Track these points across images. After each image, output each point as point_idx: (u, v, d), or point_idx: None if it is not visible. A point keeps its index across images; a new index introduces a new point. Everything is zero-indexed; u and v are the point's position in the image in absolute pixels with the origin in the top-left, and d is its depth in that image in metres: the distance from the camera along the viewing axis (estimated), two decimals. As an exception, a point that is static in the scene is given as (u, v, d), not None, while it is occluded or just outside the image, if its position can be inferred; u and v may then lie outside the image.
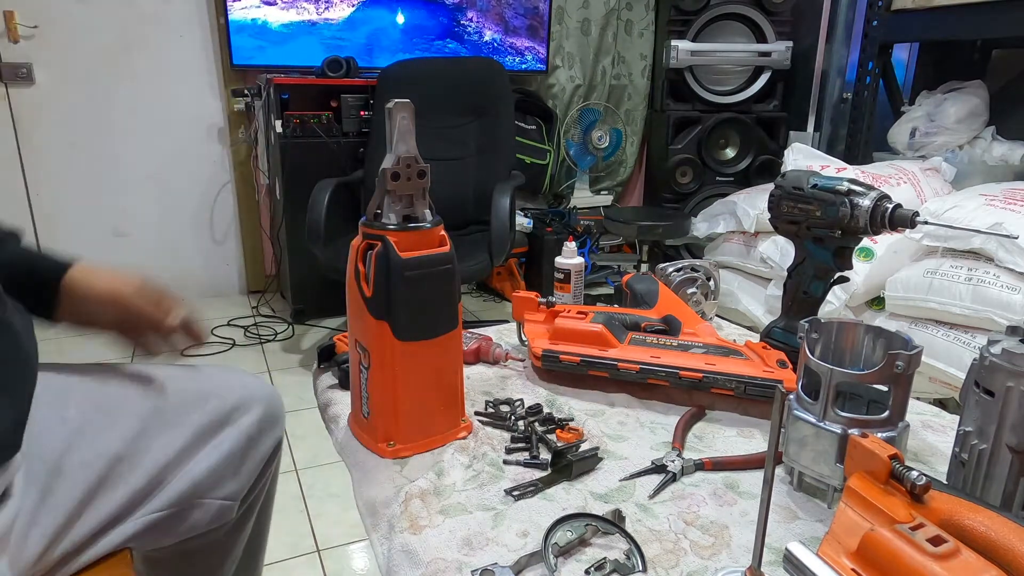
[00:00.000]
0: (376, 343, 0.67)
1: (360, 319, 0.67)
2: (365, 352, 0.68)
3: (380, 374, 0.68)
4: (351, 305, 0.68)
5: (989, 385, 0.56)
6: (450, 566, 0.54)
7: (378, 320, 0.65)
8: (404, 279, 0.65)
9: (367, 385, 0.69)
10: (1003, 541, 0.45)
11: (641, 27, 3.21)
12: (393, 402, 0.69)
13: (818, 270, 0.83)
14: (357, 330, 0.69)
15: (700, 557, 0.56)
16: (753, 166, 3.08)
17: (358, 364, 0.70)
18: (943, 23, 2.27)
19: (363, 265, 0.65)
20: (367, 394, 0.70)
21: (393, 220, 0.65)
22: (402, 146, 0.64)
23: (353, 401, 0.73)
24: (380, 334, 0.66)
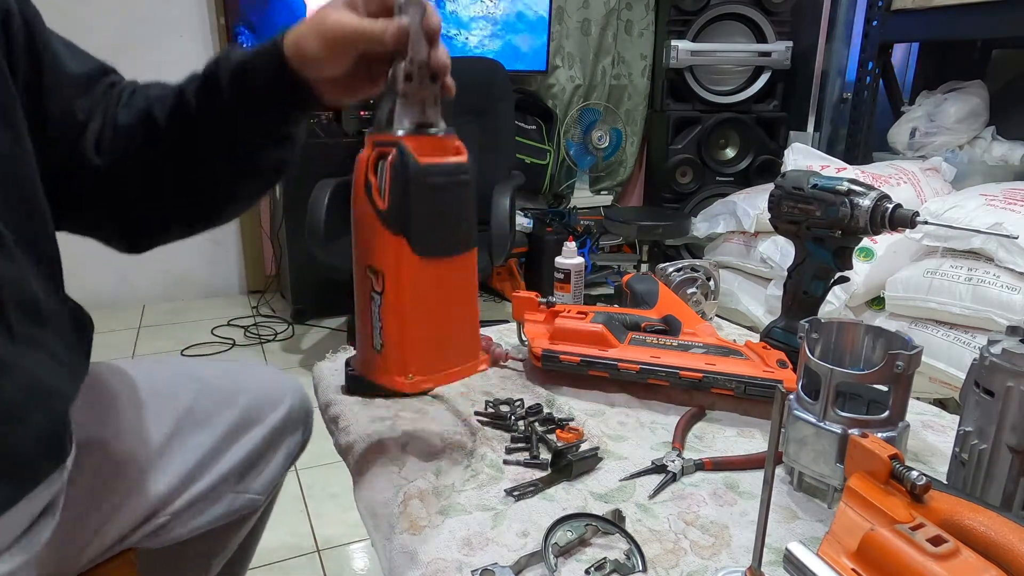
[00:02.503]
0: (392, 261, 0.60)
1: (372, 238, 0.60)
2: (377, 275, 0.61)
3: (397, 296, 0.61)
4: (360, 226, 0.61)
5: (989, 385, 0.56)
6: (450, 566, 0.54)
7: (395, 235, 0.59)
8: (424, 187, 0.59)
9: (380, 312, 0.62)
10: (1003, 541, 0.45)
11: (641, 27, 3.21)
12: (413, 327, 0.62)
13: (818, 270, 0.83)
14: (367, 253, 0.62)
15: (700, 557, 0.56)
16: (753, 166, 3.07)
17: (368, 293, 0.62)
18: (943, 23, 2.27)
19: (375, 176, 0.59)
20: (380, 323, 0.62)
21: (406, 125, 0.60)
22: (416, 45, 0.58)
23: (361, 339, 0.65)
24: (397, 251, 0.59)
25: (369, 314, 0.63)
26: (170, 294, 2.97)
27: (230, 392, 0.80)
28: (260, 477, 0.81)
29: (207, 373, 0.83)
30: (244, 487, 0.79)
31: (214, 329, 2.68)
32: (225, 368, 0.86)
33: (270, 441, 0.82)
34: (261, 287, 3.08)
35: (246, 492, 0.80)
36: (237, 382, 0.82)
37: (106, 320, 2.71)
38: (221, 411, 0.78)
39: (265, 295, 3.03)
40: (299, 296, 2.75)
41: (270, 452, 0.82)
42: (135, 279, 2.91)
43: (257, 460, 0.80)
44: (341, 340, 2.60)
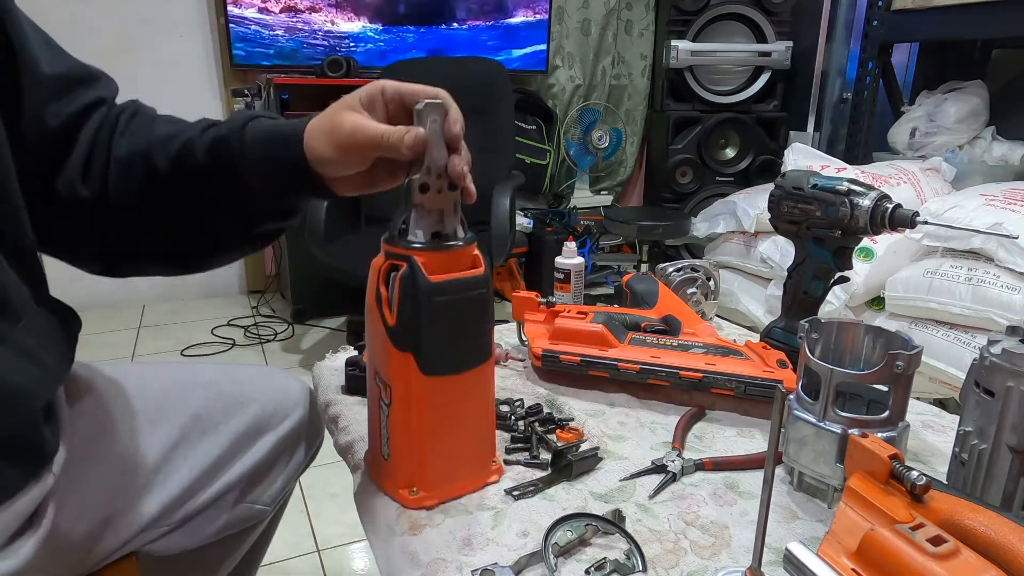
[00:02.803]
0: (399, 377, 0.58)
1: (381, 349, 0.59)
2: (386, 387, 0.60)
3: (403, 412, 0.59)
4: (371, 333, 0.60)
5: (989, 385, 0.56)
6: (450, 566, 0.54)
7: (402, 352, 0.57)
8: (432, 306, 0.56)
9: (388, 424, 0.61)
10: (1003, 541, 0.45)
11: (641, 27, 3.21)
12: (418, 444, 0.60)
13: (818, 270, 0.83)
14: (377, 361, 0.61)
15: (700, 557, 0.56)
16: (753, 166, 3.08)
17: (377, 399, 0.61)
18: (943, 23, 2.27)
19: (385, 288, 0.58)
20: (387, 433, 0.61)
21: (420, 238, 0.57)
22: (433, 153, 0.56)
23: (372, 439, 0.65)
24: (404, 367, 0.58)
25: (379, 421, 0.62)
26: (170, 294, 2.97)
27: (240, 399, 0.78)
28: (268, 488, 0.79)
29: (217, 378, 0.80)
30: (252, 498, 0.78)
31: (214, 329, 2.68)
32: (236, 373, 0.83)
33: (279, 450, 0.80)
34: (261, 287, 3.08)
35: (254, 503, 0.78)
36: (247, 389, 0.80)
37: (106, 320, 2.72)
38: (230, 419, 0.76)
39: (265, 295, 3.03)
40: (299, 296, 2.74)
41: (279, 462, 0.80)
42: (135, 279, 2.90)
43: (265, 470, 0.79)
44: (341, 340, 2.60)
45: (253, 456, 0.77)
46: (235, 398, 0.78)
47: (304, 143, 0.58)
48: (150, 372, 0.78)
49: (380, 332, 0.58)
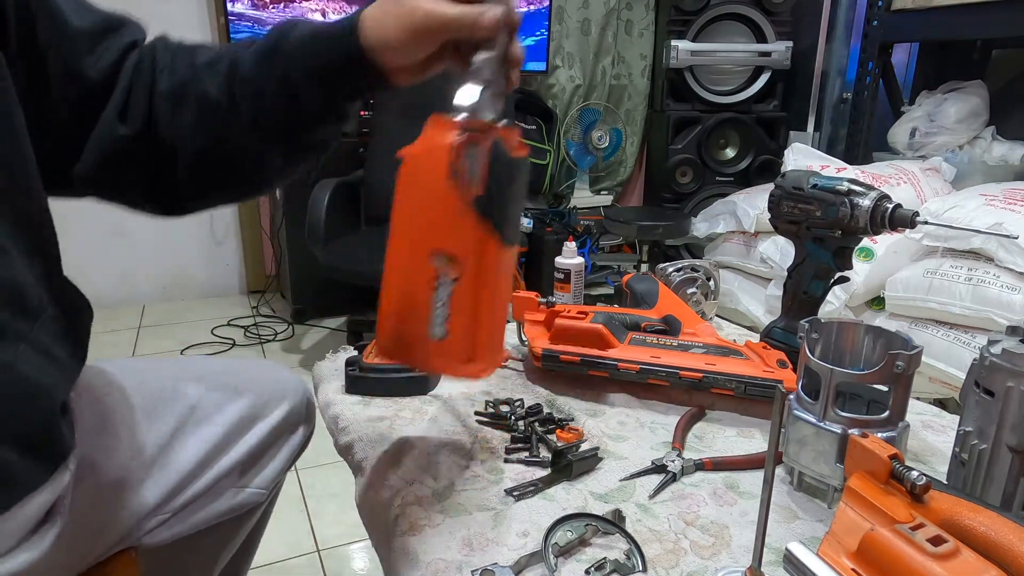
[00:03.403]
0: (475, 248, 0.58)
1: (451, 224, 0.58)
2: (451, 262, 0.58)
3: (475, 285, 0.58)
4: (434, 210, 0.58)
5: (989, 385, 0.56)
6: (450, 566, 0.54)
7: (485, 222, 0.57)
8: (516, 177, 0.58)
9: (450, 300, 0.59)
10: (1003, 541, 0.45)
11: (641, 27, 3.21)
12: (487, 316, 0.60)
13: (818, 270, 0.83)
14: (438, 238, 0.59)
15: (700, 557, 0.56)
16: (753, 166, 3.07)
17: (428, 281, 0.59)
18: (943, 23, 2.27)
19: (462, 162, 0.57)
20: (446, 311, 0.59)
21: (489, 116, 0.58)
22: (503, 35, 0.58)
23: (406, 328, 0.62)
24: (483, 237, 0.57)
25: (426, 302, 0.60)
26: (170, 294, 2.98)
27: (234, 389, 0.80)
28: (263, 472, 0.81)
29: (211, 370, 0.82)
30: (246, 482, 0.79)
31: (214, 329, 2.68)
32: (229, 365, 0.85)
33: (274, 437, 0.82)
34: (261, 287, 3.08)
35: (248, 487, 0.80)
36: (241, 379, 0.82)
37: (106, 320, 2.72)
38: (225, 407, 0.78)
39: (265, 295, 3.03)
40: (299, 296, 2.75)
41: (273, 448, 0.82)
42: (135, 279, 2.91)
43: (260, 456, 0.80)
44: (341, 340, 2.60)
45: (248, 443, 0.78)
46: (230, 388, 0.79)
47: (361, 32, 0.58)
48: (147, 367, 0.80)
49: (454, 206, 0.57)
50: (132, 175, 0.64)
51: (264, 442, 0.80)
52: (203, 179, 0.66)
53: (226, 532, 0.82)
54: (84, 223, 2.71)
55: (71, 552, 0.63)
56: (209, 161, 0.64)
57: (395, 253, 0.60)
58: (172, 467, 0.72)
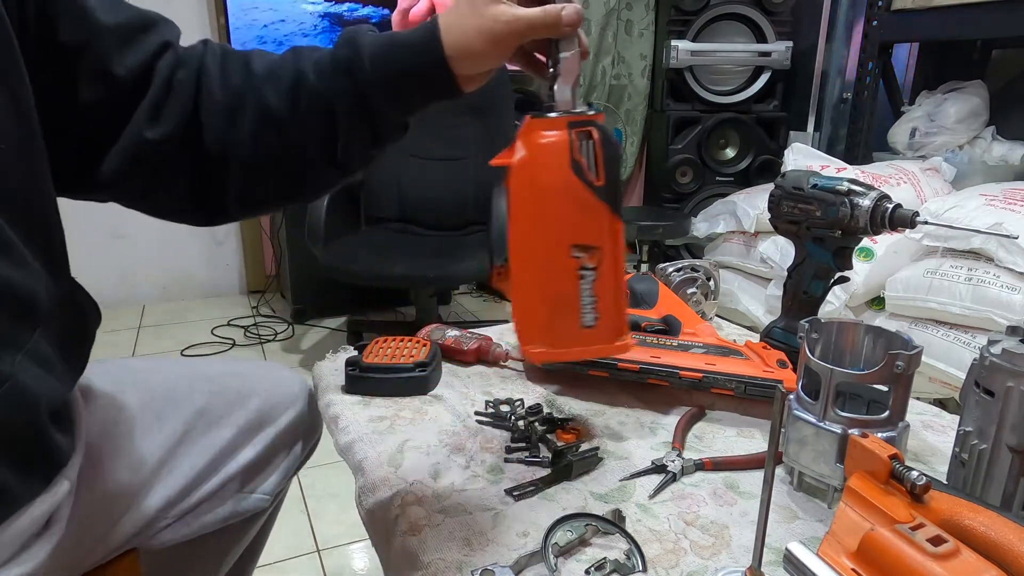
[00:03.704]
0: (608, 234, 0.61)
1: (585, 216, 0.60)
2: (589, 252, 0.61)
3: (612, 267, 0.62)
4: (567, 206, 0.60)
5: (989, 385, 0.56)
6: (450, 566, 0.54)
7: (611, 210, 0.60)
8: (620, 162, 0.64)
9: (594, 289, 0.61)
10: (1003, 541, 0.45)
11: (641, 27, 3.21)
12: (623, 292, 0.64)
13: (818, 270, 0.83)
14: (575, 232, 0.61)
15: (700, 557, 0.56)
16: (753, 166, 3.07)
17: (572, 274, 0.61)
18: (943, 23, 2.27)
19: (581, 156, 0.59)
20: (593, 299, 0.62)
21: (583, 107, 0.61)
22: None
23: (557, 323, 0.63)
24: (612, 224, 0.61)
25: (575, 295, 0.62)
26: (170, 294, 2.97)
27: (242, 394, 0.79)
28: (268, 479, 0.81)
29: (219, 373, 0.82)
30: (251, 488, 0.79)
31: (214, 329, 2.68)
32: (237, 368, 0.85)
33: (279, 443, 0.81)
34: (261, 287, 3.08)
35: (253, 492, 0.79)
36: (249, 383, 0.81)
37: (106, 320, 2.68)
38: (232, 412, 0.77)
39: (265, 295, 3.03)
40: (299, 296, 2.74)
41: (278, 454, 0.82)
42: (135, 279, 2.91)
43: (265, 462, 0.80)
44: (341, 340, 2.60)
45: (254, 448, 0.78)
46: (237, 392, 0.79)
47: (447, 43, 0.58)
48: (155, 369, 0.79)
49: (585, 199, 0.60)
50: (164, 181, 0.63)
51: (270, 448, 0.80)
52: (257, 189, 0.65)
53: (230, 537, 0.82)
54: (84, 223, 2.71)
55: (70, 557, 0.62)
56: (265, 171, 0.63)
57: (530, 256, 0.62)
58: (178, 472, 0.71)
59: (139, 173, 0.61)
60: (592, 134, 0.59)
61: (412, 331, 0.93)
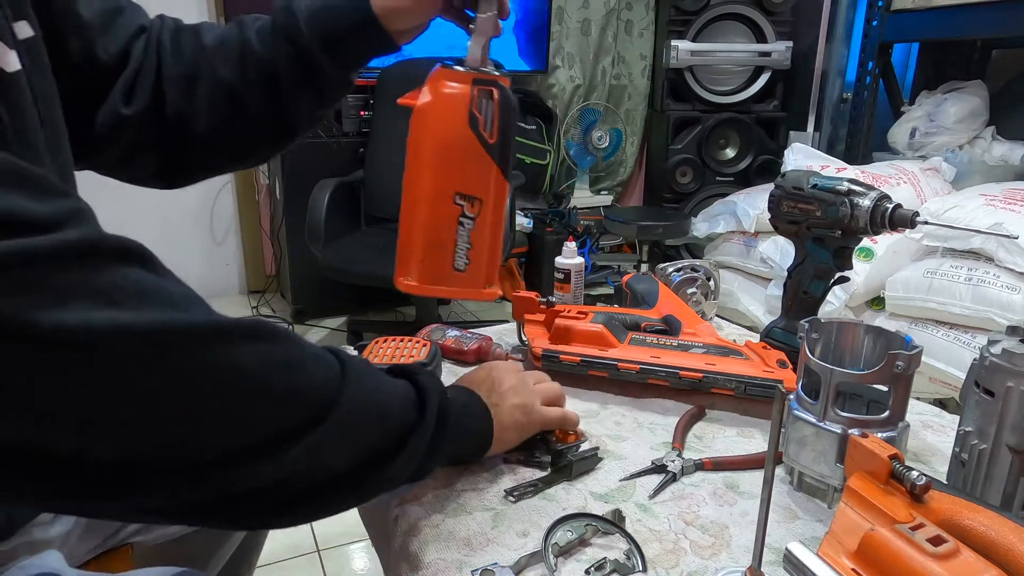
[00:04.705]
0: (492, 188, 0.66)
1: (471, 168, 0.65)
2: (472, 201, 0.66)
3: (491, 220, 0.67)
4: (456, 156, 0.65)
5: (989, 385, 0.56)
6: (450, 566, 0.54)
7: (498, 165, 0.65)
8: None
9: (470, 236, 0.67)
10: (1003, 541, 0.45)
11: (641, 27, 3.21)
12: (495, 245, 0.69)
13: (818, 270, 0.83)
14: (460, 182, 0.66)
15: (700, 557, 0.56)
16: (753, 166, 3.08)
17: (452, 219, 0.66)
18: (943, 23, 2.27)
19: (479, 112, 0.63)
20: (468, 245, 0.67)
21: (490, 65, 0.64)
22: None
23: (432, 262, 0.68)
24: (497, 178, 0.66)
25: (452, 239, 0.66)
26: (170, 294, 2.97)
27: None
28: None
29: None
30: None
31: (214, 329, 2.68)
32: None
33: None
34: (261, 287, 3.08)
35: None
36: None
37: (106, 320, 2.71)
38: None
39: (265, 295, 3.03)
40: (299, 296, 2.75)
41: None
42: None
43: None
44: (341, 340, 2.60)
45: None
46: None
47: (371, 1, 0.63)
48: None
49: (475, 152, 0.64)
50: (139, 152, 0.68)
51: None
52: (217, 153, 0.70)
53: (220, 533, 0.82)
54: (84, 223, 2.71)
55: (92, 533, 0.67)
56: (221, 136, 0.68)
57: (417, 195, 0.66)
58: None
59: (114, 145, 0.66)
60: (493, 94, 0.63)
61: (412, 331, 0.93)
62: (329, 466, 0.48)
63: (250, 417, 0.44)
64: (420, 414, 0.55)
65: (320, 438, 0.46)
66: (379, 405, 0.52)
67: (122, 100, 0.64)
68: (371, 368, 0.55)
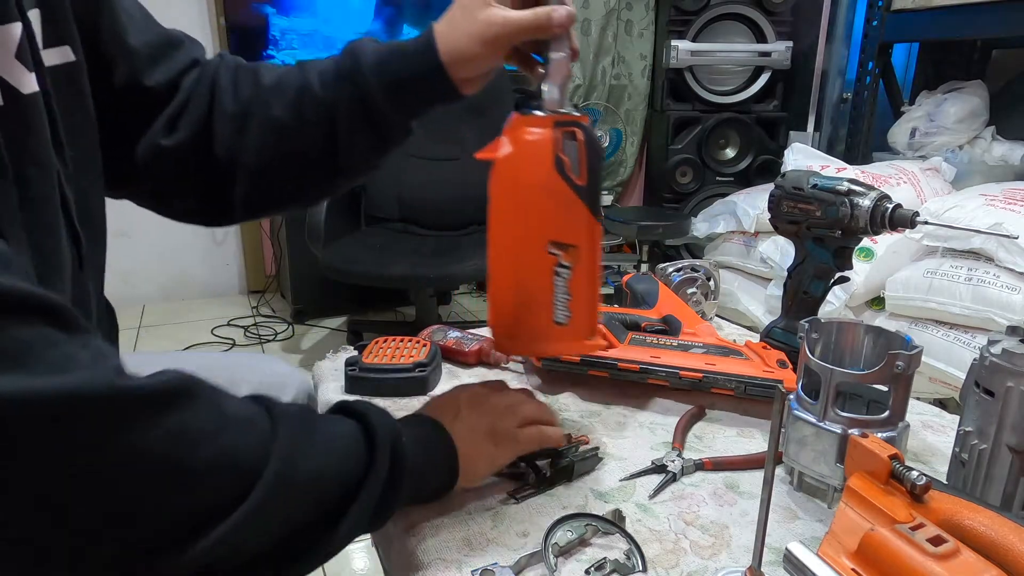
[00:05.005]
0: (586, 234, 0.63)
1: (564, 214, 0.62)
2: (566, 249, 0.62)
3: (587, 267, 0.64)
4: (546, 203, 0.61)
5: (989, 385, 0.56)
6: (450, 566, 0.55)
7: (589, 209, 0.62)
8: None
9: (568, 286, 0.63)
10: (1003, 541, 0.45)
11: (641, 27, 3.20)
12: (596, 294, 0.66)
13: (818, 270, 0.83)
14: (554, 229, 0.62)
15: (700, 557, 0.56)
16: (753, 166, 3.07)
17: (548, 271, 0.62)
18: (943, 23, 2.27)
19: (564, 155, 0.61)
20: (568, 296, 0.63)
21: (569, 107, 0.63)
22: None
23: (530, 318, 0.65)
24: (590, 223, 0.63)
25: (550, 292, 0.63)
26: (170, 294, 2.97)
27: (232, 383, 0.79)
28: None
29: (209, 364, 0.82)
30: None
31: (214, 329, 2.68)
32: (227, 359, 0.86)
33: None
34: (261, 287, 3.08)
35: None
36: (239, 373, 0.82)
37: (106, 320, 2.71)
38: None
39: (265, 295, 3.03)
40: (299, 296, 2.74)
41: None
42: (135, 279, 2.91)
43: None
44: (341, 340, 2.60)
45: None
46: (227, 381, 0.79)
47: (442, 48, 0.61)
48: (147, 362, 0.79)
49: (566, 197, 0.61)
50: (177, 187, 0.67)
51: None
52: (262, 194, 0.68)
53: None
54: (84, 223, 2.71)
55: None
56: (269, 177, 0.67)
57: (507, 250, 0.64)
58: None
59: (152, 175, 0.65)
60: (577, 134, 0.60)
61: (412, 331, 0.93)
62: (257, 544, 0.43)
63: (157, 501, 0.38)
64: (370, 463, 0.49)
65: (244, 516, 0.40)
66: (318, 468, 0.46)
67: (163, 131, 0.64)
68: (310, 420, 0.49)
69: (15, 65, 0.45)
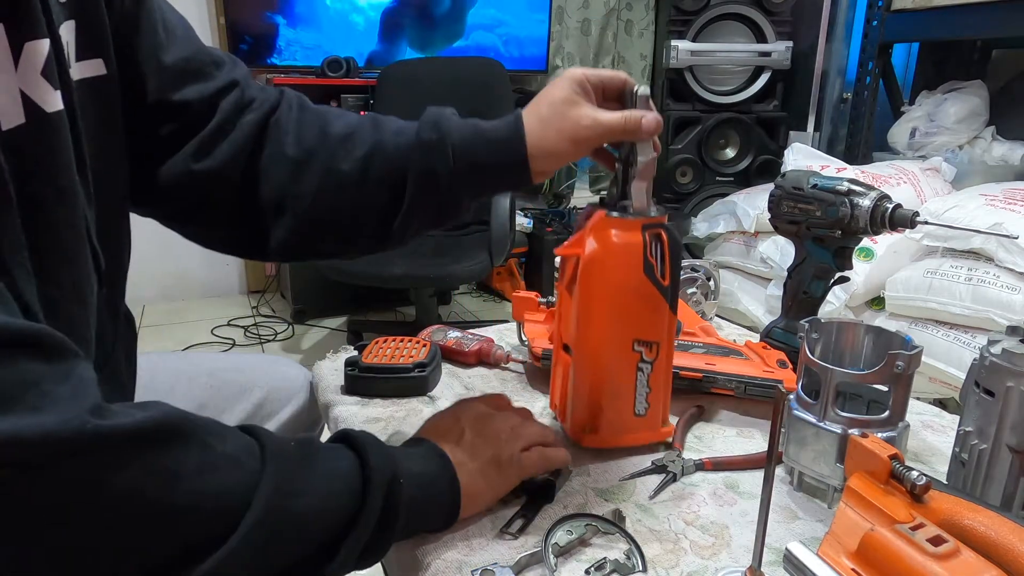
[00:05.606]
0: (667, 331, 0.66)
1: (651, 314, 0.65)
2: (649, 346, 0.65)
3: (665, 360, 0.67)
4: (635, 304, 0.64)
5: (989, 385, 0.56)
6: (450, 566, 0.54)
7: (671, 305, 0.65)
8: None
9: (649, 380, 0.67)
10: (1003, 541, 0.45)
11: (641, 27, 3.21)
12: (669, 383, 0.69)
13: (818, 270, 0.83)
14: (639, 328, 0.65)
15: (700, 557, 0.56)
16: (753, 166, 3.07)
17: (633, 367, 0.66)
18: (943, 23, 2.27)
19: (652, 258, 0.63)
20: (648, 389, 0.67)
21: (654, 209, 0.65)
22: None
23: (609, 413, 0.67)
24: (670, 321, 0.66)
25: (632, 386, 0.67)
26: (170, 294, 2.97)
27: (243, 387, 0.80)
28: None
29: (219, 367, 0.82)
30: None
31: (214, 329, 2.68)
32: (238, 361, 0.86)
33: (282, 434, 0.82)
34: (261, 287, 3.08)
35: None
36: (250, 376, 0.82)
37: (106, 320, 2.71)
38: (233, 406, 0.78)
39: (265, 295, 3.04)
40: (299, 296, 2.74)
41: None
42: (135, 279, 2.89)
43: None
44: (341, 340, 2.60)
45: None
46: (239, 385, 0.79)
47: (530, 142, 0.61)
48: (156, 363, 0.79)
49: (654, 298, 0.64)
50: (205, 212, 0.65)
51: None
52: (306, 242, 0.66)
53: None
54: (84, 223, 2.71)
55: None
56: (317, 228, 0.65)
57: (595, 347, 0.66)
58: None
59: (179, 198, 0.63)
60: (662, 236, 0.63)
61: (412, 331, 0.93)
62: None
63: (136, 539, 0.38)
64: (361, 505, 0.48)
65: (227, 555, 0.40)
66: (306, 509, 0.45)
67: (194, 155, 0.62)
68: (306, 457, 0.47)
69: (40, 82, 0.44)
